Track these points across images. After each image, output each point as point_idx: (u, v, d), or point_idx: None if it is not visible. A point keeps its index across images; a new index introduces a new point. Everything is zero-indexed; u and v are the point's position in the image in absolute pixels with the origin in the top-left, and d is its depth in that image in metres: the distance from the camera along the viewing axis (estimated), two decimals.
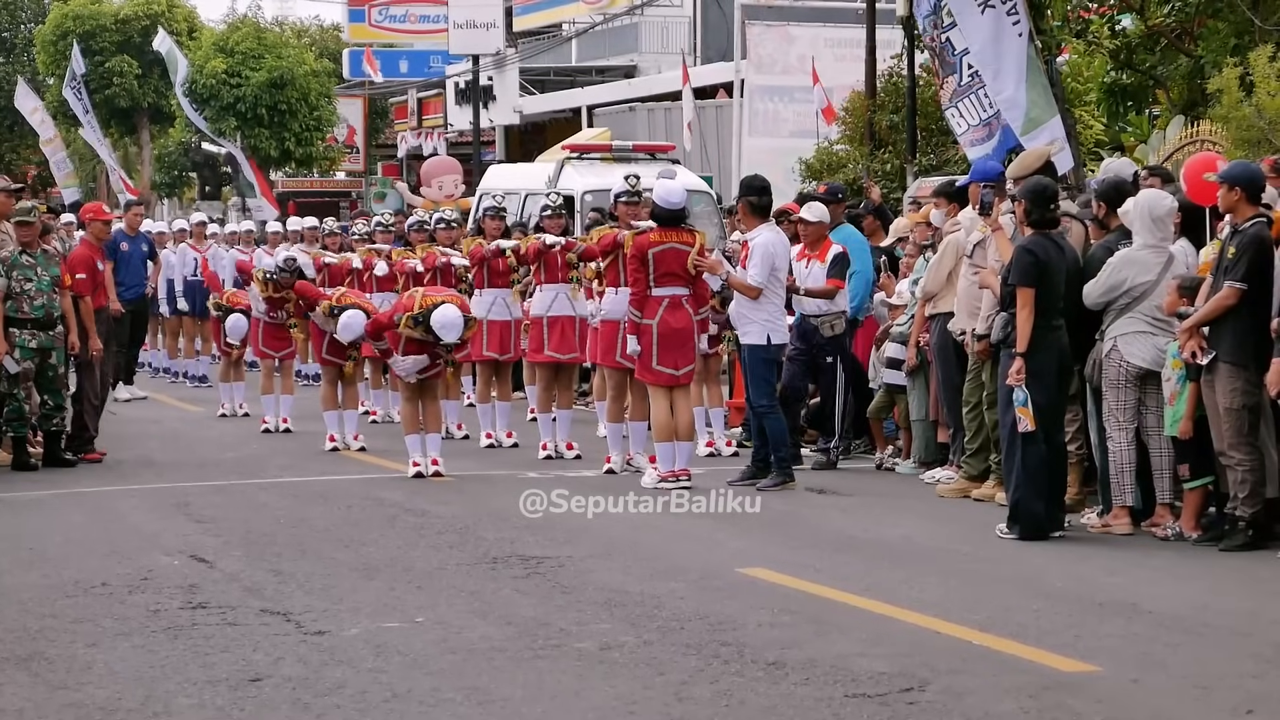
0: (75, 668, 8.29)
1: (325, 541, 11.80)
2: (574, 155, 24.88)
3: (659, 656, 8.41)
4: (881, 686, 7.81)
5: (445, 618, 9.32)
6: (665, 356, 14.26)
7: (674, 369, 14.32)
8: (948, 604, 9.59)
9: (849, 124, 28.44)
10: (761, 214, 14.59)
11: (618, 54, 51.71)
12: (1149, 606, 9.59)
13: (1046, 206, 11.88)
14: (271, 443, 18.12)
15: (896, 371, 15.31)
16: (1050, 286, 11.77)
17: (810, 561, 10.96)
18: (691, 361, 14.53)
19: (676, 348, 14.29)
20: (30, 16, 61.36)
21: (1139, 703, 7.67)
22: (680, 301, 14.34)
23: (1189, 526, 11.70)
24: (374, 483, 14.72)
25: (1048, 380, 11.73)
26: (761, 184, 14.76)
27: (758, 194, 14.59)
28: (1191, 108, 20.73)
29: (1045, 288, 11.75)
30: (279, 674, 8.12)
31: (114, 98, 54.64)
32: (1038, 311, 11.68)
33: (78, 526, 12.83)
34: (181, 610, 9.53)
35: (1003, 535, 11.69)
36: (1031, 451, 11.68)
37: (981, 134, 18.68)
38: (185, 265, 25.85)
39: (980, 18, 17.98)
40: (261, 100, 50.09)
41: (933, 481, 14.33)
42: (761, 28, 35.74)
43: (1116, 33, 23.02)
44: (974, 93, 18.70)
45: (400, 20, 56.83)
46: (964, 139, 18.80)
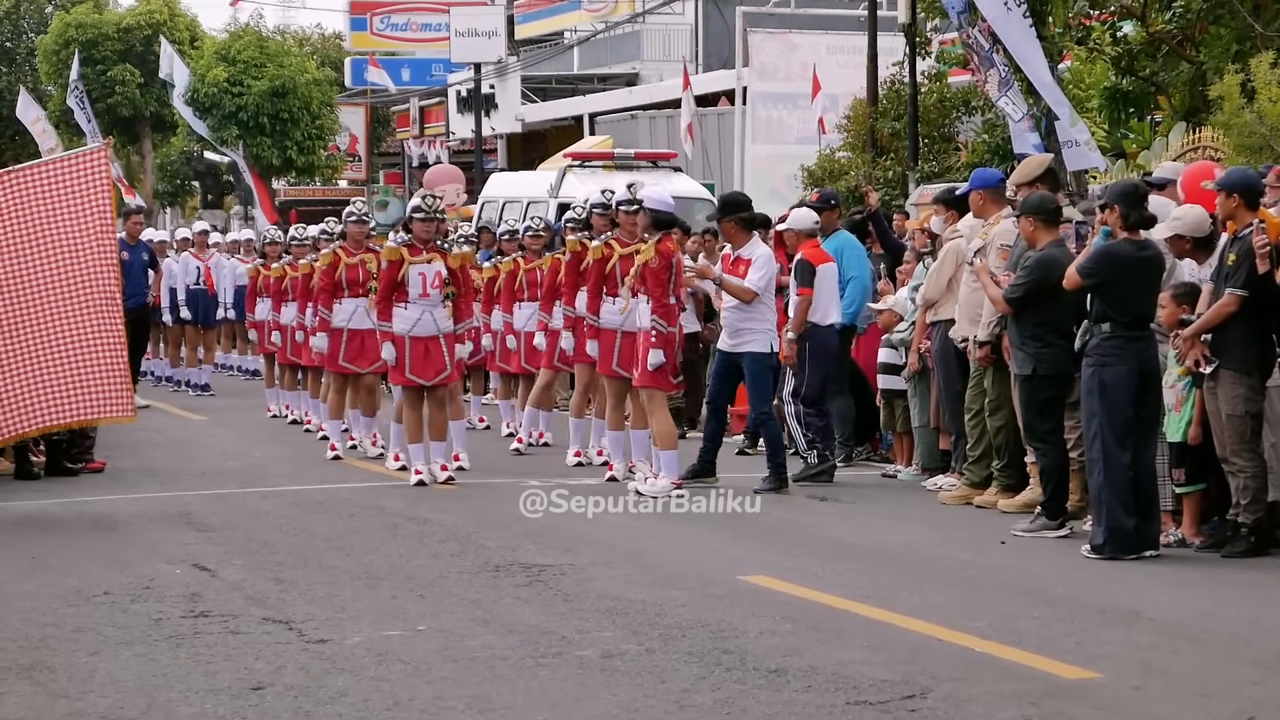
0: (77, 676, 8.29)
1: (327, 550, 11.80)
2: (576, 163, 24.92)
3: (661, 664, 8.41)
4: (883, 694, 7.81)
5: (447, 626, 9.32)
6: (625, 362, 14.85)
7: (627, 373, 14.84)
8: (949, 611, 9.59)
9: (851, 131, 28.46)
10: (752, 228, 14.80)
11: (619, 62, 51.76)
12: (1150, 614, 9.59)
13: (1141, 207, 11.45)
14: (273, 451, 18.13)
15: (892, 376, 15.34)
16: (1125, 292, 11.39)
17: (812, 569, 10.96)
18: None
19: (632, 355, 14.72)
20: (32, 26, 61.40)
21: (1140, 710, 7.66)
22: None
23: (1191, 533, 11.70)
24: (375, 491, 14.72)
25: (1128, 392, 11.31)
26: (745, 199, 15.19)
27: (745, 209, 14.82)
28: (1193, 114, 20.74)
29: (1124, 295, 11.38)
30: (281, 682, 8.12)
31: (116, 106, 54.66)
32: (1117, 320, 11.33)
33: (79, 535, 12.83)
34: (183, 619, 9.53)
35: (1087, 557, 11.27)
36: (1116, 469, 11.28)
37: (1029, 124, 19.06)
38: (187, 274, 25.87)
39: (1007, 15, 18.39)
40: (263, 109, 50.15)
41: (935, 489, 14.33)
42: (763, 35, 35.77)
43: (1118, 39, 23.04)
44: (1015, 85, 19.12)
45: (402, 29, 56.88)
46: (1016, 129, 19.17)
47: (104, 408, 13.60)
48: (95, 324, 13.44)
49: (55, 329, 13.36)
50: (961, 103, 27.42)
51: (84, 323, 13.40)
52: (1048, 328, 12.15)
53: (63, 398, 13.41)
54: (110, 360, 13.51)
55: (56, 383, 13.37)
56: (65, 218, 13.40)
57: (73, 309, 13.39)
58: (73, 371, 13.39)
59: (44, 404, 13.40)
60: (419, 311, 14.98)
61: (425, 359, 14.98)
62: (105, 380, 13.50)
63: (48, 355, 13.36)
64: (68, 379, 13.39)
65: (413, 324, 14.96)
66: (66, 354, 13.37)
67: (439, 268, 15.03)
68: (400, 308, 14.97)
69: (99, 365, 13.46)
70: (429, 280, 14.97)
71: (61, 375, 13.37)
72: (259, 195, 45.55)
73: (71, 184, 13.43)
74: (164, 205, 62.94)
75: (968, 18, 20.20)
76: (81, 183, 13.45)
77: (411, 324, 14.96)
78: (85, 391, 13.45)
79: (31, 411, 13.40)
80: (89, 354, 13.41)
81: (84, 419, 13.82)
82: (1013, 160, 19.60)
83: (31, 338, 13.34)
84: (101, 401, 13.53)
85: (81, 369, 13.41)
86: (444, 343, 15.08)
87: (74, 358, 13.39)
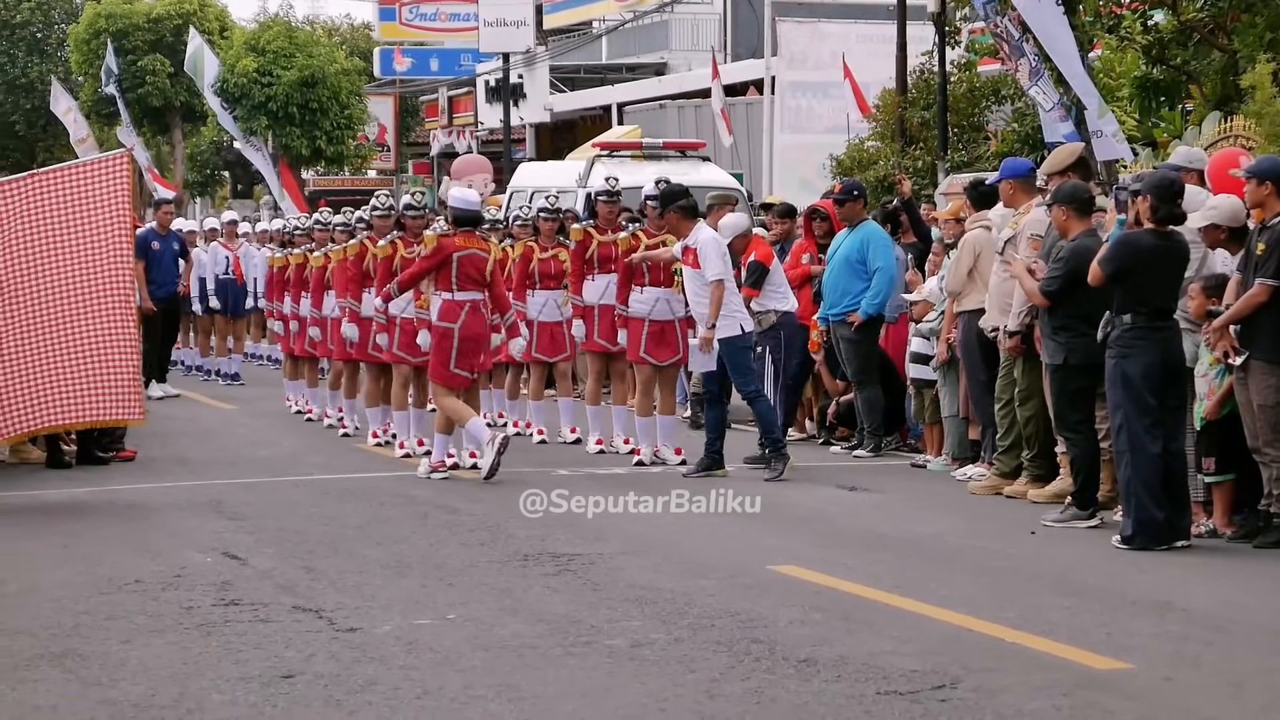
0: (109, 664, 8.32)
1: (357, 539, 11.83)
2: (604, 153, 24.90)
3: (690, 654, 8.41)
4: (913, 684, 7.80)
5: (476, 615, 9.33)
6: (463, 360, 14.73)
7: (469, 372, 14.84)
8: (979, 601, 9.57)
9: (880, 120, 28.43)
10: (693, 215, 14.89)
11: (648, 51, 51.76)
12: (1182, 604, 9.56)
13: (1174, 202, 11.37)
14: (303, 440, 18.16)
15: (922, 366, 15.33)
16: (1145, 283, 11.34)
17: (841, 559, 10.96)
18: (487, 367, 15.38)
19: (473, 353, 14.77)
20: (62, 16, 61.59)
21: (1172, 700, 7.65)
22: (479, 307, 14.76)
23: (1222, 524, 11.66)
24: (405, 480, 14.73)
25: (1151, 383, 11.26)
26: (683, 188, 15.27)
27: (685, 197, 14.93)
28: (1225, 103, 20.65)
29: (1145, 285, 11.33)
30: (311, 671, 8.14)
31: (146, 97, 54.77)
32: (1139, 311, 11.28)
33: (111, 524, 12.88)
34: (214, 607, 9.56)
35: (1117, 548, 11.23)
36: (1143, 460, 11.23)
37: (1061, 113, 19.08)
38: (217, 264, 25.94)
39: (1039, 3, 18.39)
40: (292, 99, 50.20)
41: (964, 479, 14.31)
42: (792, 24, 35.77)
43: (1149, 28, 22.95)
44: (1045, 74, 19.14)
45: (431, 18, 56.89)
46: (1047, 119, 19.18)
47: (113, 409, 13.78)
48: (108, 327, 13.61)
49: (68, 330, 13.54)
50: (991, 92, 27.39)
51: (97, 325, 13.57)
52: (1079, 317, 12.10)
53: (73, 398, 13.59)
54: (121, 362, 13.69)
55: (67, 383, 13.56)
56: (84, 221, 13.60)
57: (87, 311, 13.56)
58: (84, 373, 13.57)
59: (54, 403, 13.57)
60: None
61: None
62: (116, 382, 13.68)
63: (60, 356, 13.53)
64: (79, 380, 13.57)
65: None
66: (78, 355, 13.56)
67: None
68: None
69: (110, 367, 13.64)
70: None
71: (73, 376, 13.56)
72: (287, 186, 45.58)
73: (92, 189, 13.64)
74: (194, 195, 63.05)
75: (995, 7, 20.19)
76: (102, 188, 13.67)
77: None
78: (95, 392, 13.62)
79: (40, 410, 13.56)
80: (101, 356, 13.59)
81: (93, 419, 13.97)
82: (1043, 149, 19.57)
83: (45, 338, 13.51)
84: (111, 403, 13.71)
85: (93, 371, 13.58)
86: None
87: (86, 359, 13.57)
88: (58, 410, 13.60)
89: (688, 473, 14.59)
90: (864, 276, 15.98)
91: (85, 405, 13.63)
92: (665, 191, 15.33)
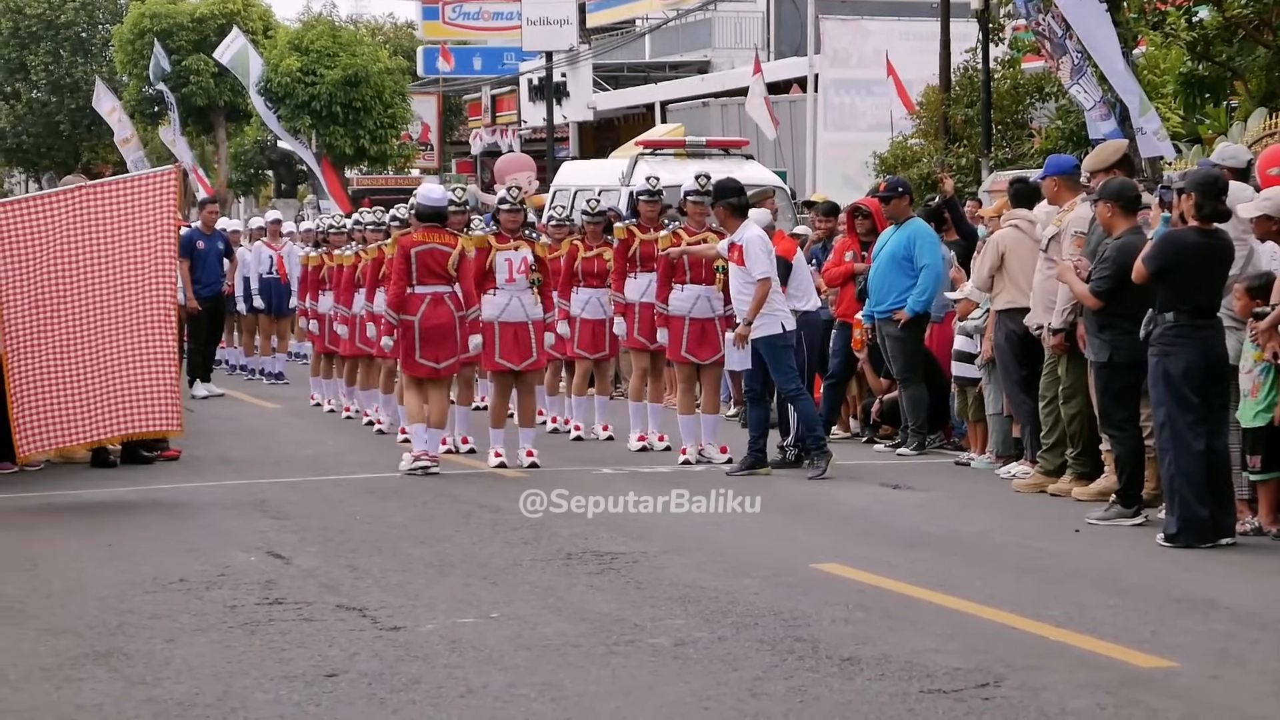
0: (153, 663, 8.35)
1: (401, 538, 11.85)
2: (648, 151, 24.91)
3: (733, 652, 8.40)
4: (957, 682, 7.78)
5: (520, 613, 9.34)
6: (427, 351, 15.00)
7: (435, 362, 15.04)
8: (1023, 599, 9.54)
9: (924, 118, 28.37)
10: (742, 213, 14.83)
11: (691, 50, 51.72)
12: (1226, 602, 9.52)
13: (1218, 199, 11.28)
14: (347, 439, 18.21)
15: (966, 364, 15.29)
16: (1189, 281, 11.27)
17: (885, 557, 10.93)
18: (453, 355, 15.20)
19: (437, 342, 14.99)
20: (107, 17, 61.88)
21: (1217, 699, 7.61)
22: (441, 298, 15.01)
23: (1267, 521, 11.60)
24: (448, 479, 14.76)
25: (1193, 381, 11.18)
26: (737, 185, 15.17)
27: (738, 195, 14.89)
28: (1270, 99, 20.55)
29: (1188, 283, 11.26)
30: (355, 669, 8.16)
31: (190, 96, 54.99)
32: (1181, 309, 11.22)
33: (155, 523, 12.93)
34: (258, 606, 9.58)
35: (1161, 546, 11.16)
36: (1186, 457, 11.16)
37: (1104, 111, 19.00)
38: (261, 263, 26.02)
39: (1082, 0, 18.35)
40: (336, 98, 50.36)
41: (1008, 476, 14.27)
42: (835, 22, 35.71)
43: (1193, 24, 22.83)
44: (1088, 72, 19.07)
45: (474, 17, 57.01)
46: (1089, 117, 19.12)
47: (152, 421, 13.90)
48: (149, 339, 13.75)
49: (110, 343, 13.67)
50: (1035, 89, 27.29)
51: (138, 338, 13.71)
52: (1124, 315, 12.02)
53: (112, 411, 13.71)
54: (161, 375, 13.81)
55: (107, 396, 13.66)
56: (130, 235, 13.75)
57: (128, 324, 13.70)
58: (124, 385, 13.69)
59: (94, 417, 13.67)
60: (507, 297, 15.43)
61: (515, 344, 15.38)
62: (155, 394, 13.79)
63: (101, 369, 13.66)
64: (118, 393, 13.69)
65: (501, 309, 15.39)
66: (119, 368, 13.70)
67: (525, 254, 15.51)
68: (489, 294, 15.40)
69: (150, 380, 13.75)
70: (515, 266, 15.42)
71: (113, 389, 13.68)
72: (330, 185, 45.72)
73: (141, 203, 13.82)
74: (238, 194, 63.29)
75: (1037, 5, 20.11)
76: (149, 202, 13.84)
77: (500, 309, 15.39)
78: (134, 405, 13.73)
79: (81, 424, 13.68)
80: (141, 369, 13.73)
81: (132, 432, 14.04)
82: (1087, 146, 19.48)
83: (87, 351, 13.64)
84: (150, 415, 13.83)
85: (133, 383, 13.70)
86: (533, 329, 15.46)
87: (126, 372, 13.71)
88: (98, 424, 13.71)
89: (731, 471, 14.61)
90: (910, 274, 15.93)
91: (124, 418, 13.74)
92: (719, 185, 15.26)
